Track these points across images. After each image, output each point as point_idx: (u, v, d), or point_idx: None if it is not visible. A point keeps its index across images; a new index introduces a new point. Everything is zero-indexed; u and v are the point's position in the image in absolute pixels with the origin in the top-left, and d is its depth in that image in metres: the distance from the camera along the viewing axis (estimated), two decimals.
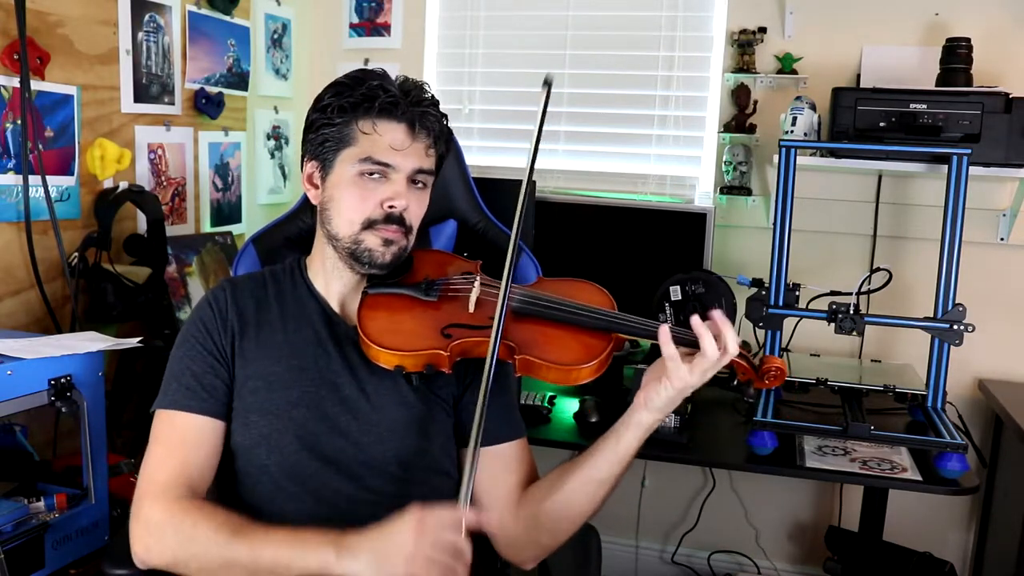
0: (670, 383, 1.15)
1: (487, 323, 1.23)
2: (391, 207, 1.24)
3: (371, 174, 1.24)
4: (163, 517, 1.15)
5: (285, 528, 1.10)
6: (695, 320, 1.15)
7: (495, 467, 1.30)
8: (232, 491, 1.27)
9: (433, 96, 1.29)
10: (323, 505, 1.22)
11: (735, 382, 1.25)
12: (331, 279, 1.33)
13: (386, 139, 1.24)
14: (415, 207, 1.28)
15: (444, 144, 1.32)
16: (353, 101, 1.24)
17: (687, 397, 1.21)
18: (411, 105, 1.25)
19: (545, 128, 1.26)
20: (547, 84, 1.25)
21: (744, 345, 1.22)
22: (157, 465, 1.20)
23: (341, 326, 1.31)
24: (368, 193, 1.25)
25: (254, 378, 1.26)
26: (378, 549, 1.03)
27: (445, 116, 1.31)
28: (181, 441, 1.22)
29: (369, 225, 1.25)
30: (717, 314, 1.15)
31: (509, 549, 1.31)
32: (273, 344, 1.28)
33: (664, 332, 1.16)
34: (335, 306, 1.33)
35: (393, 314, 1.27)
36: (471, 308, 1.28)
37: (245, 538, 1.09)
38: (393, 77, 1.29)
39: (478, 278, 1.32)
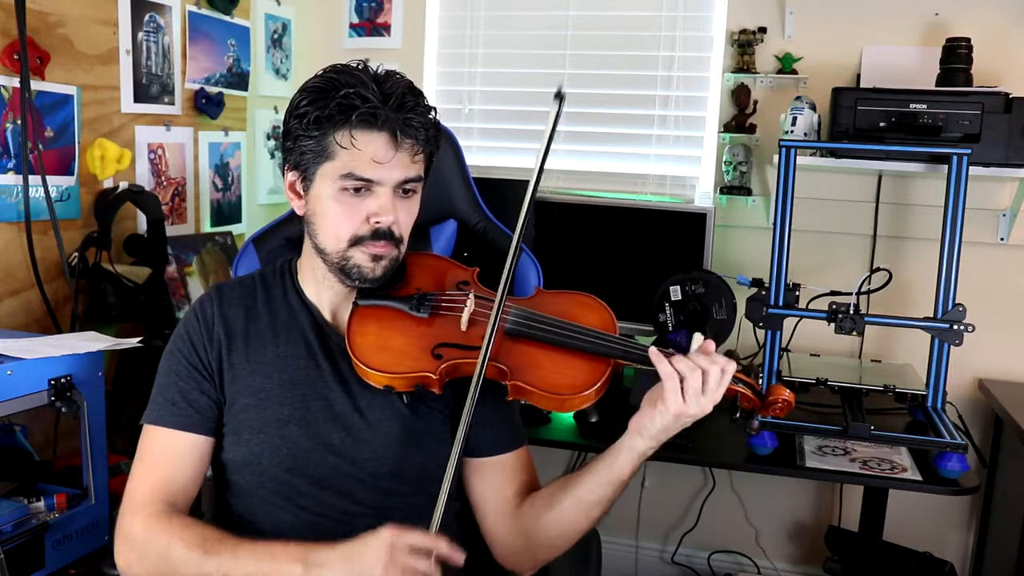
0: (666, 408, 1.11)
1: (480, 343, 1.17)
2: (377, 223, 1.18)
3: (355, 189, 1.18)
4: (142, 533, 1.15)
5: (256, 542, 1.09)
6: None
7: (494, 477, 1.28)
8: (226, 503, 1.27)
9: (416, 94, 1.19)
10: (317, 518, 1.21)
11: (737, 414, 1.21)
12: (322, 289, 1.28)
13: (367, 152, 1.15)
14: (404, 217, 1.21)
15: (434, 144, 1.23)
16: (329, 113, 1.15)
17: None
18: (392, 112, 1.15)
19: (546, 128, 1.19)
20: (559, 97, 1.15)
21: (748, 372, 1.19)
22: (139, 481, 1.20)
23: (333, 337, 1.27)
24: (352, 209, 1.18)
25: (244, 394, 1.23)
26: (346, 568, 1.02)
27: (433, 109, 1.21)
28: (163, 458, 1.21)
29: (356, 242, 1.19)
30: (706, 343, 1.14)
31: (505, 557, 1.30)
32: (263, 358, 1.25)
33: (654, 353, 1.13)
34: (327, 315, 1.29)
35: (383, 330, 1.23)
36: (464, 326, 1.23)
37: (216, 555, 1.09)
38: (373, 69, 1.19)
39: (472, 293, 1.27)
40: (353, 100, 1.15)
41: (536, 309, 1.25)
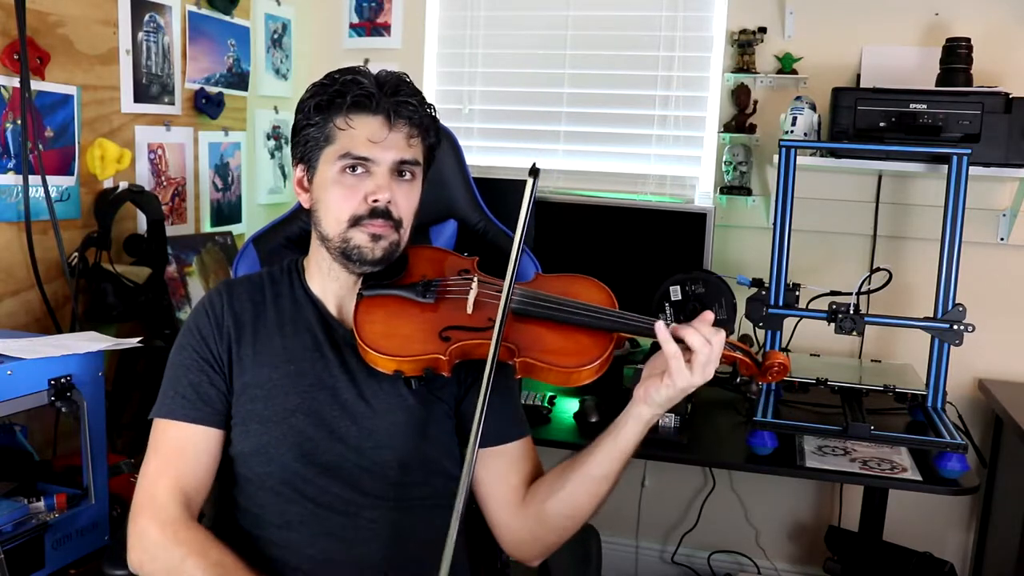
0: (672, 382, 1.13)
1: (486, 324, 1.21)
2: (375, 201, 1.22)
3: (352, 169, 1.23)
4: (157, 538, 1.16)
5: None
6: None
7: (499, 467, 1.30)
8: (232, 495, 1.27)
9: (412, 85, 1.27)
10: (323, 510, 1.22)
11: (738, 379, 1.24)
12: (327, 282, 1.31)
13: (363, 133, 1.22)
14: (402, 200, 1.25)
15: (433, 133, 1.29)
16: (327, 99, 1.23)
17: (687, 396, 1.19)
18: (386, 96, 1.23)
19: (546, 128, 1.22)
20: (533, 174, 1.20)
21: (746, 340, 1.21)
22: (154, 478, 1.21)
23: (339, 330, 1.30)
24: (351, 190, 1.23)
25: (252, 386, 1.25)
26: None
27: (431, 106, 1.28)
28: (177, 452, 1.22)
29: (356, 222, 1.23)
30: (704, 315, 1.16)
31: (514, 547, 1.31)
32: (271, 350, 1.27)
33: (660, 328, 1.14)
34: (332, 309, 1.32)
35: (390, 317, 1.26)
36: (469, 309, 1.26)
37: None
38: (376, 72, 1.27)
39: (476, 277, 1.30)
40: (349, 86, 1.23)
41: (538, 290, 1.28)
